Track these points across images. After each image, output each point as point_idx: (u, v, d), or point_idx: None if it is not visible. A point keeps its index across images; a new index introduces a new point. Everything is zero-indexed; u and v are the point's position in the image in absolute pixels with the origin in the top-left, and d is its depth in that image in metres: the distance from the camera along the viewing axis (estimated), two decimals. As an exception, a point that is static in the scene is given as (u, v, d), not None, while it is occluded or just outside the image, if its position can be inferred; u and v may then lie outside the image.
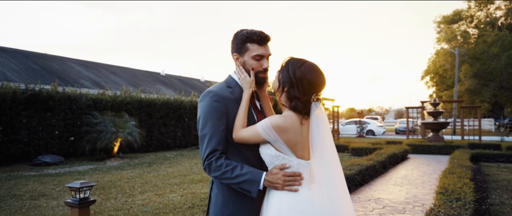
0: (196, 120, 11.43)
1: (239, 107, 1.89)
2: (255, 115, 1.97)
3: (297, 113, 1.78)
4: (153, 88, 23.12)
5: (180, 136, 15.87)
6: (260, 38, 1.90)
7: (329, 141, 1.80)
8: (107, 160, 11.33)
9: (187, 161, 11.40)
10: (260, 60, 1.93)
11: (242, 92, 1.95)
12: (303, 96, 1.76)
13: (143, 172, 9.10)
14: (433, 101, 15.12)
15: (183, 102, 16.04)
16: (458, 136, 22.39)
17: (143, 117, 14.06)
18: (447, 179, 5.63)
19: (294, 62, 1.81)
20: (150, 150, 14.39)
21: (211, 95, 1.87)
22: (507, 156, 10.91)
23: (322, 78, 1.80)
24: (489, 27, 33.76)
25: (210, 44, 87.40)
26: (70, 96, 11.84)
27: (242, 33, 1.93)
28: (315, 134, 1.78)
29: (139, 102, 14.10)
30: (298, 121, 1.77)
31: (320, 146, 1.77)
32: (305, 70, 1.77)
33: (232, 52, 1.99)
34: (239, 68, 1.95)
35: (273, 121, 1.75)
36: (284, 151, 1.77)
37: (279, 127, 1.74)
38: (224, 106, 1.85)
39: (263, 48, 1.92)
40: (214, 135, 1.81)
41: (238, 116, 1.86)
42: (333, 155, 1.81)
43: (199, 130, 1.87)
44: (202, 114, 1.87)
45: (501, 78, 30.56)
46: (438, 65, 35.43)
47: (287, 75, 1.79)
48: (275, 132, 1.73)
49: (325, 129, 1.80)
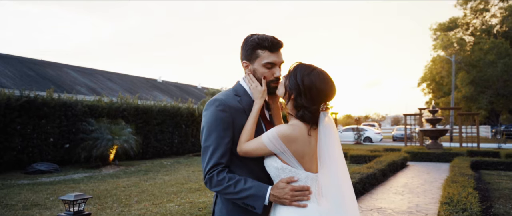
0: (193, 127, 11.24)
1: (248, 119, 1.75)
2: (264, 126, 1.83)
3: (304, 123, 1.67)
4: (150, 94, 22.97)
5: (177, 143, 15.70)
6: (271, 45, 1.76)
7: (338, 152, 1.69)
8: (102, 167, 11.15)
9: (184, 169, 11.23)
10: (272, 68, 1.79)
11: (251, 102, 1.81)
12: (311, 105, 1.65)
13: (140, 180, 8.93)
14: (432, 108, 15.08)
15: (180, 109, 15.90)
16: (455, 143, 22.35)
17: (139, 124, 13.90)
18: (451, 188, 5.52)
19: (303, 69, 1.69)
20: (146, 157, 14.21)
21: (217, 104, 1.73)
22: (507, 164, 10.84)
23: (332, 86, 1.69)
24: (485, 34, 33.98)
25: (207, 51, 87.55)
26: (65, 102, 11.67)
27: (252, 38, 1.79)
28: (324, 145, 1.66)
29: (136, 109, 13.94)
30: (306, 131, 1.66)
31: (329, 158, 1.66)
32: (314, 78, 1.65)
33: (241, 59, 1.86)
34: (249, 76, 1.81)
35: (280, 131, 1.63)
36: (291, 163, 1.65)
37: (286, 137, 1.62)
38: (230, 116, 1.72)
39: (275, 55, 1.79)
40: (218, 147, 1.68)
41: (246, 128, 1.73)
42: (343, 167, 1.70)
43: (202, 141, 1.74)
44: (206, 124, 1.73)
45: (497, 85, 30.68)
46: (435, 72, 35.55)
47: (295, 82, 1.67)
48: (282, 143, 1.61)
49: (334, 139, 1.68)
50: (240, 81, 1.90)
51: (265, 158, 1.71)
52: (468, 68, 32.36)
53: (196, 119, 16.52)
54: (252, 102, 1.81)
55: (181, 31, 77.52)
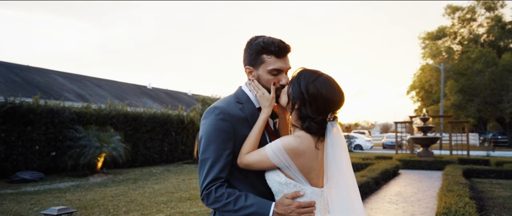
0: (183, 134, 11.00)
1: (252, 129, 1.59)
2: (268, 137, 1.67)
3: (311, 135, 1.52)
4: (139, 101, 22.67)
5: (166, 151, 15.45)
6: (278, 49, 1.60)
7: (347, 166, 1.55)
8: (90, 176, 10.86)
9: (174, 177, 11.00)
10: (278, 74, 1.63)
11: (254, 110, 1.65)
12: (317, 116, 1.50)
13: (128, 189, 8.69)
14: (423, 116, 15.13)
15: (170, 116, 15.68)
16: (444, 150, 22.49)
17: (128, 131, 13.63)
18: (447, 197, 5.45)
19: (307, 75, 1.54)
20: (135, 165, 13.93)
21: (217, 113, 1.57)
22: (498, 172, 10.87)
23: (339, 93, 1.54)
24: (472, 43, 34.48)
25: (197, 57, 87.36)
26: (52, 109, 11.38)
27: (257, 42, 1.62)
28: (331, 157, 1.52)
29: (125, 116, 13.69)
30: (313, 144, 1.51)
31: (337, 171, 1.52)
32: (319, 85, 1.50)
33: (244, 63, 1.69)
34: (254, 83, 1.65)
35: (285, 143, 1.48)
36: (296, 179, 1.51)
37: (292, 151, 1.47)
38: (231, 126, 1.56)
39: (281, 61, 1.62)
40: (217, 160, 1.52)
41: (249, 138, 1.57)
42: (352, 182, 1.56)
43: (200, 152, 1.58)
44: (204, 134, 1.57)
45: (484, 93, 31.06)
46: (424, 80, 35.91)
47: (299, 91, 1.52)
48: (288, 156, 1.46)
49: (343, 152, 1.54)
50: (242, 87, 1.73)
51: (267, 171, 1.56)
52: (456, 77, 32.74)
53: (186, 126, 16.31)
54: (255, 110, 1.66)
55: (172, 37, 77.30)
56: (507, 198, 7.40)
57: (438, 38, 36.50)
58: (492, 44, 34.02)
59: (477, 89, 31.08)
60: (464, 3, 40.00)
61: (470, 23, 35.88)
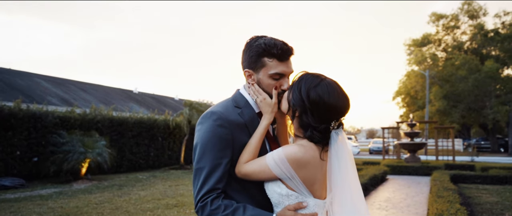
0: (169, 139, 10.75)
1: (252, 136, 1.47)
2: (268, 144, 1.56)
3: (316, 144, 1.41)
4: (125, 106, 22.32)
5: (153, 156, 15.19)
6: (281, 52, 1.48)
7: (353, 177, 1.43)
8: (73, 182, 10.56)
9: (160, 183, 10.79)
10: (280, 79, 1.51)
11: (254, 115, 1.53)
12: (319, 124, 1.39)
13: (113, 196, 8.45)
14: (410, 121, 15.26)
15: (157, 121, 15.44)
16: (430, 156, 22.74)
17: (114, 136, 13.35)
18: (437, 203, 5.43)
19: (308, 80, 1.42)
20: (120, 171, 13.63)
21: (215, 118, 1.45)
22: (483, 177, 10.99)
23: (344, 99, 1.42)
24: (456, 50, 35.13)
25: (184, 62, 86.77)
26: (35, 113, 11.06)
27: (258, 43, 1.50)
28: (336, 168, 1.40)
29: (110, 121, 13.41)
30: (318, 154, 1.40)
31: (342, 182, 1.41)
32: (321, 91, 1.39)
33: (243, 66, 1.56)
34: (254, 87, 1.53)
35: (288, 152, 1.36)
36: (299, 190, 1.40)
37: (296, 161, 1.35)
38: (229, 133, 1.44)
39: (284, 64, 1.50)
40: (214, 170, 1.40)
41: (249, 146, 1.45)
42: (358, 194, 1.45)
43: (195, 161, 1.45)
44: (200, 141, 1.45)
45: (468, 99, 31.63)
46: (410, 86, 36.38)
47: (299, 97, 1.40)
48: (291, 167, 1.35)
49: (348, 162, 1.42)
50: (240, 90, 1.61)
51: (267, 182, 1.44)
52: (441, 83, 33.28)
53: (173, 132, 16.09)
54: (255, 115, 1.54)
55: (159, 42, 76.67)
56: (494, 204, 7.46)
57: (423, 45, 37.09)
58: (475, 52, 34.74)
59: (461, 95, 31.63)
60: (448, 11, 40.76)
61: (454, 30, 36.58)
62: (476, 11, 34.76)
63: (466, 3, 35.01)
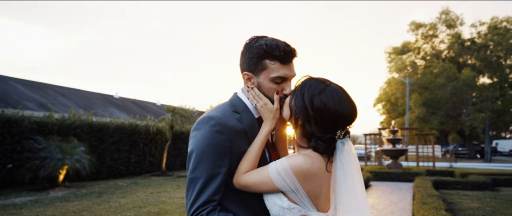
0: (151, 145, 10.49)
1: (252, 144, 1.37)
2: (268, 153, 1.45)
3: (321, 155, 1.31)
4: (105, 111, 21.82)
5: (134, 162, 14.85)
6: (284, 54, 1.38)
7: (360, 190, 1.34)
8: (50, 190, 10.18)
9: (141, 190, 10.52)
10: (282, 83, 1.41)
11: (254, 120, 1.42)
12: (324, 134, 1.29)
13: (92, 204, 8.17)
14: (392, 128, 15.44)
15: (138, 126, 15.13)
16: (410, 162, 23.09)
17: (93, 142, 12.99)
18: (423, 210, 5.44)
19: (312, 86, 1.32)
20: (100, 178, 13.25)
21: (212, 124, 1.33)
22: (463, 183, 11.18)
23: (350, 107, 1.33)
24: (434, 59, 35.98)
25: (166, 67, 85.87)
26: (10, 118, 10.64)
27: (259, 44, 1.39)
28: (341, 180, 1.31)
29: (90, 126, 13.05)
30: (324, 165, 1.30)
31: (348, 195, 1.31)
32: (326, 98, 1.29)
33: (241, 69, 1.45)
34: (254, 91, 1.42)
35: (294, 163, 1.25)
36: (302, 204, 1.30)
37: (302, 173, 1.25)
38: (228, 140, 1.33)
39: (286, 67, 1.40)
40: (211, 180, 1.29)
41: (248, 155, 1.34)
42: (364, 207, 1.35)
43: (189, 170, 1.34)
44: (196, 148, 1.33)
45: (446, 107, 32.38)
46: (390, 93, 37.00)
47: (302, 105, 1.30)
48: (296, 179, 1.25)
49: (355, 174, 1.33)
50: (238, 94, 1.50)
51: (267, 193, 1.34)
52: (420, 90, 33.97)
53: (154, 137, 15.80)
54: (254, 121, 1.43)
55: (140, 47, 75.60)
56: (476, 210, 7.55)
57: (403, 52, 37.84)
58: (452, 60, 35.65)
59: (439, 102, 32.37)
60: (427, 20, 41.75)
61: (432, 39, 37.48)
62: (454, 21, 35.73)
63: (444, 12, 35.98)
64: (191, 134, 1.40)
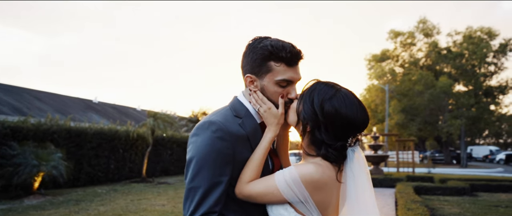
0: (131, 151, 10.21)
1: (255, 151, 1.28)
2: (270, 160, 1.37)
3: (332, 163, 1.24)
4: (84, 116, 21.27)
5: (113, 168, 14.48)
6: (290, 56, 1.30)
7: (370, 201, 1.28)
8: (24, 198, 9.77)
9: (121, 198, 10.23)
10: (287, 86, 1.33)
11: (256, 125, 1.34)
12: (334, 141, 1.22)
13: (70, 212, 7.88)
14: (374, 134, 15.64)
15: (118, 132, 14.78)
16: (390, 167, 23.43)
17: (71, 148, 12.59)
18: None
19: (322, 91, 1.26)
20: (78, 185, 12.84)
21: (214, 129, 1.24)
22: (443, 188, 11.38)
23: (363, 112, 1.27)
24: (413, 66, 36.83)
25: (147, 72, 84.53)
26: (-18, 123, 10.19)
27: (263, 45, 1.31)
28: (352, 190, 1.24)
29: (68, 131, 12.65)
30: (334, 174, 1.23)
31: (358, 205, 1.25)
32: (338, 103, 1.22)
33: (244, 71, 1.37)
34: (257, 95, 1.33)
35: (304, 173, 1.18)
36: (310, 215, 1.23)
37: (313, 183, 1.18)
38: (230, 147, 1.24)
39: (292, 70, 1.33)
40: (212, 190, 1.21)
41: (251, 164, 1.26)
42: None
43: (188, 179, 1.24)
44: (196, 155, 1.24)
45: (424, 113, 33.14)
46: (370, 100, 37.60)
47: (311, 110, 1.24)
48: (305, 190, 1.17)
49: (366, 183, 1.27)
50: (238, 97, 1.41)
51: (272, 204, 1.26)
52: (399, 97, 34.65)
53: (135, 143, 15.47)
54: (257, 126, 1.35)
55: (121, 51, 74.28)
56: (457, 215, 7.67)
57: (382, 60, 38.57)
58: (430, 68, 36.57)
59: (417, 109, 33.09)
60: (406, 29, 42.73)
61: (411, 47, 38.38)
62: (430, 30, 36.70)
63: (421, 21, 36.93)
64: (190, 139, 1.31)
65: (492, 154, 44.31)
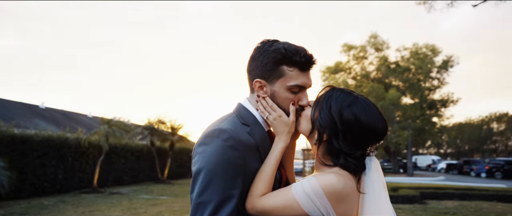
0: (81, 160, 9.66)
1: (266, 162, 1.20)
2: (278, 171, 1.29)
3: (351, 173, 1.19)
4: (29, 122, 19.87)
5: (61, 178, 13.57)
6: (304, 61, 1.25)
7: (385, 208, 1.23)
8: (-41, 212, 8.87)
9: (71, 210, 9.60)
10: (299, 92, 1.27)
11: (265, 134, 1.26)
12: (354, 151, 1.18)
13: (13, 227, 7.24)
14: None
15: (68, 139, 13.92)
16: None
17: (14, 157, 11.64)
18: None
19: (340, 98, 1.22)
20: (21, 196, 11.87)
21: (225, 137, 1.15)
22: (395, 197, 11.92)
23: (382, 121, 1.24)
24: (364, 79, 38.50)
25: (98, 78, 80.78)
26: None
27: (275, 48, 1.24)
28: (372, 201, 1.20)
29: (11, 138, 11.71)
30: (355, 184, 1.18)
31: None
32: (358, 111, 1.19)
33: (252, 76, 1.27)
34: (267, 101, 1.25)
35: (326, 184, 1.12)
36: None
37: (335, 194, 1.12)
38: (242, 157, 1.16)
39: (305, 75, 1.27)
40: (223, 204, 1.11)
41: (262, 175, 1.18)
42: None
43: (197, 192, 1.13)
44: (205, 166, 1.13)
45: (375, 124, 34.76)
46: (325, 110, 38.73)
47: (329, 118, 1.19)
48: (328, 202, 1.11)
49: (382, 192, 1.23)
50: (243, 104, 1.32)
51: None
52: (352, 108, 36.04)
53: (86, 151, 14.65)
54: (265, 134, 1.27)
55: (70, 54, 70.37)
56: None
57: (336, 72, 39.92)
58: (380, 81, 38.41)
59: (369, 120, 34.60)
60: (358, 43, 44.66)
61: (362, 60, 40.13)
62: (381, 45, 38.63)
63: (372, 36, 38.78)
64: (196, 149, 1.20)
65: (434, 163, 47.30)
